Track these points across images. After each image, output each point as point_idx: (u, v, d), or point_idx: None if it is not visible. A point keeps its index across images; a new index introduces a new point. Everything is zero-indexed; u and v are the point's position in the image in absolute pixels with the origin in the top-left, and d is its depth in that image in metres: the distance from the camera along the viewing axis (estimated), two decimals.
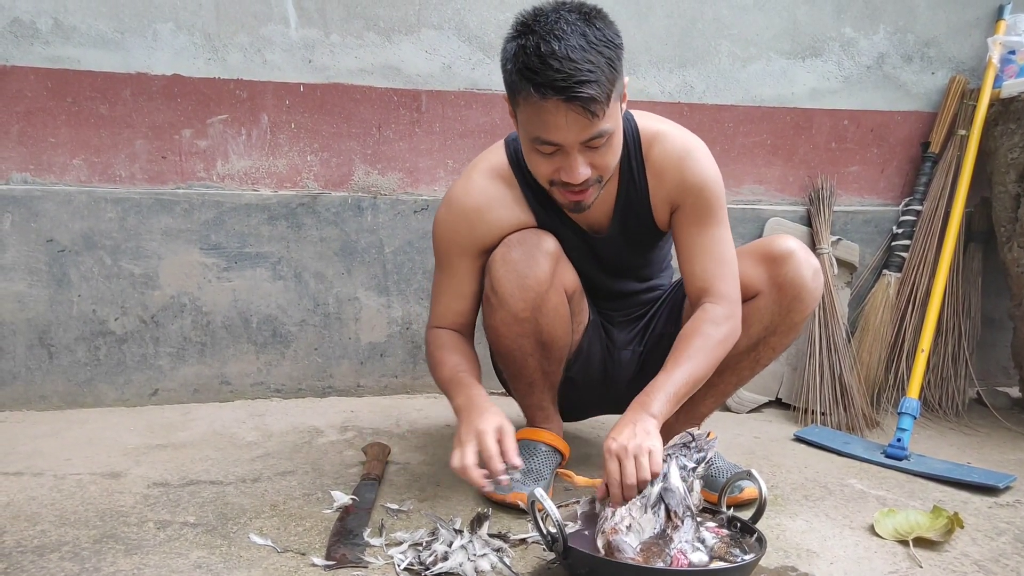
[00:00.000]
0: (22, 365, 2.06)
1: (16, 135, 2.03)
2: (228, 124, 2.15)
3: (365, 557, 1.24)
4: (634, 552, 1.12)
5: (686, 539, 1.14)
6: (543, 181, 1.35)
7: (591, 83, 1.18)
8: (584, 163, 1.27)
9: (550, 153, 1.28)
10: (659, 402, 1.29)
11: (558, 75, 1.17)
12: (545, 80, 1.18)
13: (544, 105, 1.20)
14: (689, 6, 2.36)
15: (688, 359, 1.36)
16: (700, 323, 1.40)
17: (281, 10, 2.14)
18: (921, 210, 2.46)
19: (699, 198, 1.44)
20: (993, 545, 1.40)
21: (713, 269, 1.44)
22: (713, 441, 1.27)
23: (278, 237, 2.19)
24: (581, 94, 1.18)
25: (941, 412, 2.39)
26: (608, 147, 1.28)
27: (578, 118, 1.21)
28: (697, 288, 1.45)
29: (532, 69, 1.19)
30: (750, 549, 1.18)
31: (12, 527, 1.33)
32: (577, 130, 1.23)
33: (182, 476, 1.60)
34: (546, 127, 1.23)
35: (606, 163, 1.30)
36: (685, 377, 1.34)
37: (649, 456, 1.19)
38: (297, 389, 2.26)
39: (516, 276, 1.41)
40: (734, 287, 1.45)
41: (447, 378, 1.42)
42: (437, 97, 2.26)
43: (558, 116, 1.21)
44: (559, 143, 1.25)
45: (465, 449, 1.22)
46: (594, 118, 1.21)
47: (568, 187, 1.31)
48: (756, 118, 2.46)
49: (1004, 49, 2.39)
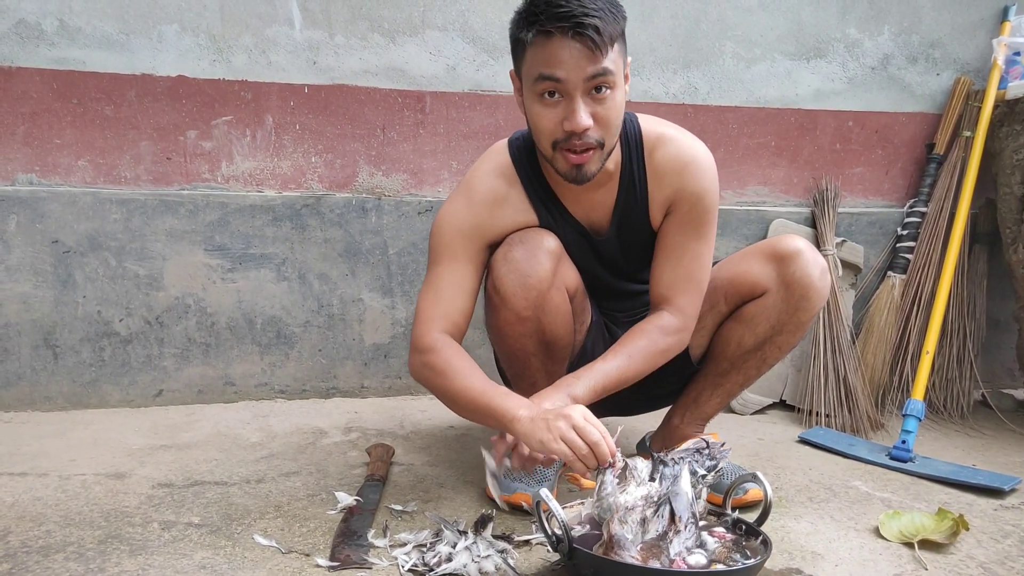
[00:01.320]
0: (27, 366, 2.07)
1: (21, 136, 2.04)
2: (233, 125, 2.15)
3: (369, 558, 1.24)
4: (635, 551, 1.12)
5: (686, 545, 1.14)
6: (546, 140, 1.32)
7: (596, 17, 1.21)
8: (586, 110, 1.27)
9: (554, 99, 1.28)
10: (583, 388, 1.34)
11: (563, 9, 1.21)
12: (550, 15, 1.22)
13: (549, 40, 1.23)
14: (693, 7, 2.36)
15: (628, 357, 1.39)
16: (651, 327, 1.43)
17: (286, 11, 2.14)
18: (926, 212, 2.46)
19: (693, 208, 1.44)
20: (999, 547, 1.40)
21: (681, 282, 1.45)
22: (726, 451, 1.26)
23: (282, 238, 2.19)
24: (585, 22, 1.20)
25: (946, 414, 2.38)
26: (611, 99, 1.28)
27: (582, 49, 1.22)
28: (659, 294, 1.47)
29: (538, 12, 1.23)
30: (753, 552, 1.18)
31: (17, 527, 1.33)
32: (582, 63, 1.23)
33: (186, 477, 1.60)
34: (550, 61, 1.24)
35: (608, 117, 1.29)
36: (618, 374, 1.38)
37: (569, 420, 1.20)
38: (301, 390, 2.26)
39: (518, 275, 1.40)
40: (695, 305, 1.47)
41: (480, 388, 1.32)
42: (441, 98, 2.26)
43: (563, 50, 1.23)
44: (563, 79, 1.25)
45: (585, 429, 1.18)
46: (597, 51, 1.23)
47: (571, 144, 1.29)
48: (760, 119, 2.45)
49: (1009, 50, 2.39)
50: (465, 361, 1.37)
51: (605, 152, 1.34)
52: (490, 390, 1.31)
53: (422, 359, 1.40)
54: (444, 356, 1.37)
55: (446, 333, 1.41)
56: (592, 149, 1.30)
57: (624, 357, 1.39)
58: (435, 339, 1.40)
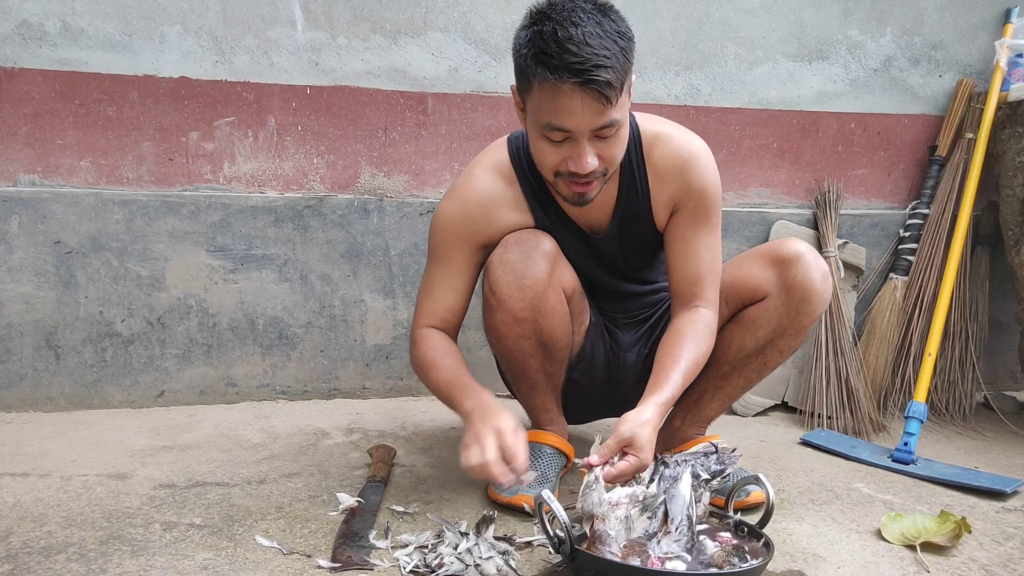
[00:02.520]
0: (29, 366, 2.07)
1: (24, 137, 2.04)
2: (235, 126, 2.16)
3: (371, 559, 1.24)
4: (617, 548, 1.12)
5: (674, 549, 1.13)
6: (548, 172, 1.34)
7: (607, 68, 1.19)
8: (592, 153, 1.28)
9: (559, 141, 1.28)
10: (670, 405, 1.33)
11: (575, 59, 1.18)
12: (562, 63, 1.19)
13: (559, 89, 1.21)
14: (695, 9, 2.36)
15: (695, 363, 1.39)
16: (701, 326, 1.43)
17: (288, 12, 2.15)
18: (928, 213, 2.46)
19: (699, 203, 1.46)
20: (1001, 550, 1.39)
21: (705, 276, 1.47)
22: (736, 456, 1.26)
23: (284, 239, 2.20)
24: (597, 78, 1.19)
25: (948, 416, 2.38)
26: (616, 139, 1.29)
27: (593, 103, 1.21)
28: (686, 291, 1.47)
29: (549, 53, 1.20)
30: (753, 555, 1.18)
31: (19, 528, 1.33)
32: (591, 116, 1.23)
33: (188, 478, 1.60)
34: (559, 112, 1.23)
35: (613, 155, 1.30)
36: (688, 381, 1.37)
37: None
38: (303, 391, 2.26)
39: (514, 276, 1.41)
40: (718, 293, 1.49)
41: (447, 380, 1.40)
42: (443, 100, 2.26)
43: (573, 101, 1.21)
44: (571, 129, 1.25)
45: (485, 444, 1.19)
46: (608, 104, 1.22)
47: (574, 178, 1.31)
48: (762, 121, 2.45)
49: (1011, 52, 2.38)
50: (439, 352, 1.43)
51: (607, 177, 1.36)
52: (454, 380, 1.37)
53: (412, 353, 1.50)
54: (423, 349, 1.46)
55: (435, 328, 1.48)
56: (595, 180, 1.33)
57: (692, 364, 1.37)
58: (420, 334, 1.48)
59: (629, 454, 1.22)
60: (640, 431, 1.22)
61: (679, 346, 1.38)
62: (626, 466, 1.21)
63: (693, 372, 1.38)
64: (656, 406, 1.28)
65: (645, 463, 1.22)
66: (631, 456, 1.21)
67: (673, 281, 1.50)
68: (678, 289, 1.49)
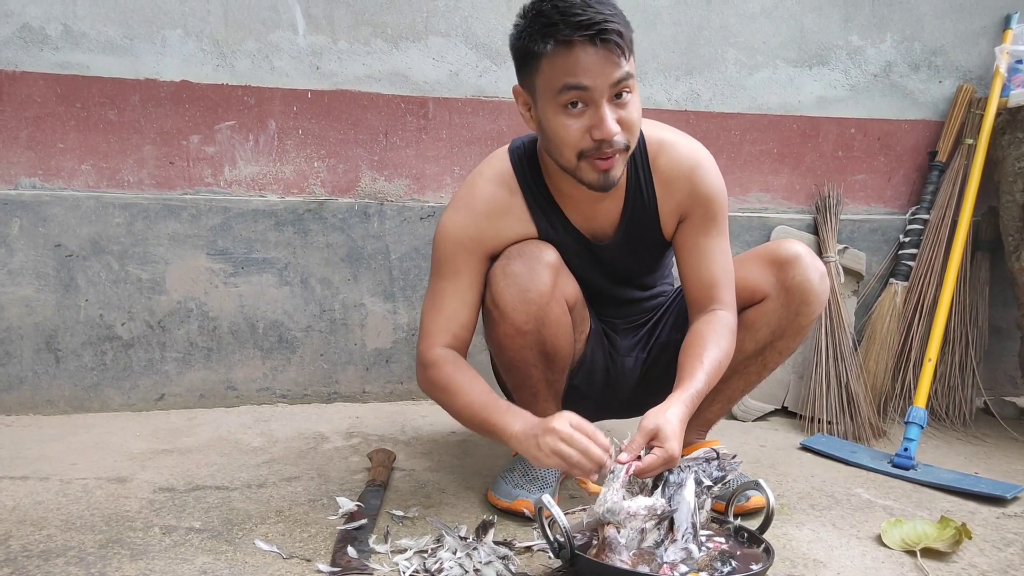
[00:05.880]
0: (29, 369, 2.07)
1: (25, 140, 2.04)
2: (236, 130, 2.16)
3: (370, 564, 1.24)
4: (627, 556, 1.12)
5: (680, 556, 1.14)
6: (571, 153, 1.31)
7: (615, 23, 1.22)
8: (613, 118, 1.27)
9: (579, 111, 1.27)
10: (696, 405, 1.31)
11: (583, 17, 1.21)
12: (570, 24, 1.21)
13: (572, 48, 1.22)
14: (696, 14, 2.36)
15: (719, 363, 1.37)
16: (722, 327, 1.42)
17: (289, 17, 2.15)
18: (928, 219, 2.46)
19: (708, 209, 1.46)
20: (1001, 556, 1.39)
21: (721, 279, 1.47)
22: (737, 463, 1.25)
23: (285, 243, 2.20)
24: (608, 28, 1.21)
25: (948, 422, 2.38)
26: (632, 103, 1.29)
27: (608, 55, 1.22)
28: (704, 295, 1.47)
29: (554, 22, 1.22)
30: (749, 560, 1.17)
31: (18, 531, 1.33)
32: (609, 69, 1.23)
33: (188, 481, 1.60)
34: (576, 70, 1.23)
35: (632, 120, 1.29)
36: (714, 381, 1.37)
37: None
38: (303, 395, 2.26)
39: (517, 289, 1.40)
40: (733, 297, 1.49)
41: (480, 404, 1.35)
42: (444, 104, 2.26)
43: (588, 55, 1.22)
44: (589, 86, 1.24)
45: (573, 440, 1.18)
46: (621, 56, 1.23)
47: (599, 152, 1.29)
48: (763, 126, 2.46)
49: (1011, 58, 2.39)
50: (465, 376, 1.39)
51: (628, 155, 1.34)
52: (490, 405, 1.33)
53: (426, 375, 1.43)
54: (446, 372, 1.40)
55: (448, 347, 1.43)
56: (618, 152, 1.31)
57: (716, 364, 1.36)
58: (437, 355, 1.42)
59: (656, 447, 1.20)
60: (665, 423, 1.21)
61: (701, 347, 1.37)
62: (654, 459, 1.19)
63: (717, 372, 1.37)
64: (681, 402, 1.27)
65: (672, 455, 1.19)
66: (658, 449, 1.20)
67: (688, 288, 1.50)
68: (694, 295, 1.48)
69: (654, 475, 1.21)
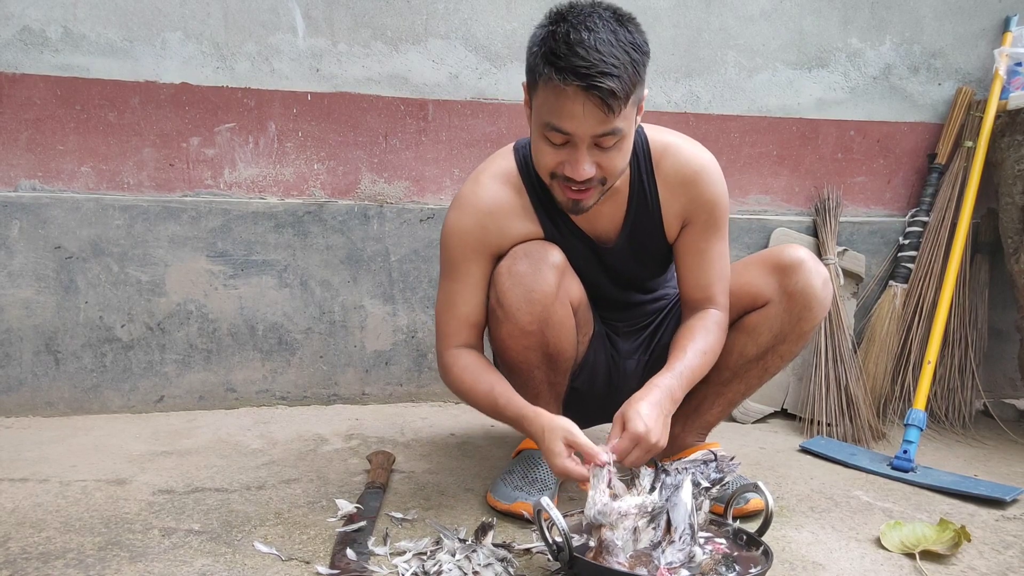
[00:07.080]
0: (28, 371, 2.07)
1: (25, 142, 2.05)
2: (236, 132, 2.16)
3: (369, 566, 1.24)
4: (624, 558, 1.12)
5: (679, 558, 1.14)
6: (544, 172, 1.34)
7: (613, 77, 1.18)
8: (590, 161, 1.27)
9: (559, 144, 1.27)
10: (680, 390, 1.35)
11: (582, 63, 1.18)
12: (568, 65, 1.19)
13: (563, 91, 1.21)
14: (696, 16, 2.37)
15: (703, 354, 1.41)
16: (711, 323, 1.46)
17: (289, 19, 2.15)
18: (927, 221, 2.46)
19: (711, 215, 1.47)
20: (1000, 558, 1.39)
21: (717, 282, 1.50)
22: (735, 465, 1.26)
23: (284, 245, 2.20)
24: (601, 85, 1.18)
25: (947, 424, 2.38)
26: (617, 150, 1.28)
27: (594, 110, 1.21)
28: (699, 296, 1.50)
29: (557, 54, 1.20)
30: (748, 563, 1.18)
31: (17, 533, 1.33)
32: (592, 122, 1.22)
33: (187, 483, 1.60)
34: (560, 114, 1.23)
35: (613, 166, 1.29)
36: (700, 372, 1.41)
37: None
38: (302, 397, 2.26)
39: (522, 289, 1.40)
40: (728, 296, 1.52)
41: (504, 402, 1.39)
42: (444, 106, 2.26)
43: (575, 104, 1.21)
44: (570, 133, 1.24)
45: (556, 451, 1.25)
46: (610, 113, 1.21)
47: (569, 183, 1.30)
48: (762, 128, 2.46)
49: (1010, 60, 2.39)
50: (479, 373, 1.43)
51: (607, 188, 1.35)
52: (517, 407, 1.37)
53: (444, 375, 1.48)
54: (467, 373, 1.44)
55: (464, 346, 1.47)
56: (592, 188, 1.32)
57: (700, 355, 1.41)
58: (453, 355, 1.47)
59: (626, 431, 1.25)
60: (627, 408, 1.27)
61: (687, 339, 1.42)
62: (625, 443, 1.24)
63: (702, 362, 1.40)
64: (655, 386, 1.31)
65: (638, 433, 1.23)
66: (625, 433, 1.24)
67: (685, 290, 1.52)
68: (690, 296, 1.51)
69: (639, 463, 1.24)
